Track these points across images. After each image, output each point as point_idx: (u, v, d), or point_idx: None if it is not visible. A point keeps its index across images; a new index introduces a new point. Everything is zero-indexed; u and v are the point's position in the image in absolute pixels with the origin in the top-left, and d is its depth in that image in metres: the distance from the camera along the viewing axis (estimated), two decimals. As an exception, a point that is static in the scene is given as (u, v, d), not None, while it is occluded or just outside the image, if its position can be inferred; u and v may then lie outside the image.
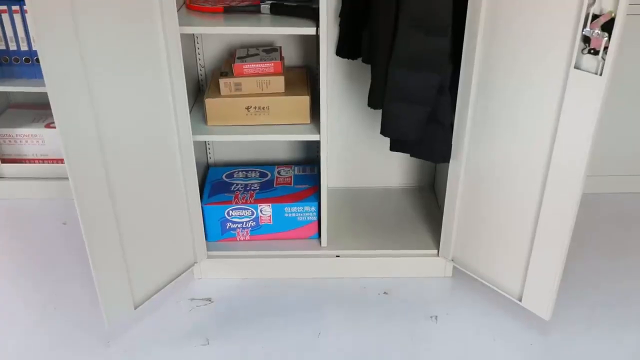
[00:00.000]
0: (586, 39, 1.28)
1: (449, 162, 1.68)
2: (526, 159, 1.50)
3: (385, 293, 1.85)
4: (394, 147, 1.70)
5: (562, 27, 1.31)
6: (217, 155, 2.14)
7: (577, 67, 1.31)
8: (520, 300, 1.67)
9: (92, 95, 1.36)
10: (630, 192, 2.34)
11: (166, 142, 1.59)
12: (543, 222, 1.52)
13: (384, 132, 1.62)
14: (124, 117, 1.46)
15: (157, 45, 1.47)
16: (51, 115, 1.52)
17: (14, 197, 2.30)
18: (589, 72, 1.30)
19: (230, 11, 1.67)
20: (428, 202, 2.13)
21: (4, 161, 2.30)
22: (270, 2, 1.67)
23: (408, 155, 1.72)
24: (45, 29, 1.23)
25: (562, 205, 1.46)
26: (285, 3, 1.68)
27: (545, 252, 1.55)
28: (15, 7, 2.03)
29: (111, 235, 1.53)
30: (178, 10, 1.55)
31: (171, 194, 1.67)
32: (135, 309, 1.66)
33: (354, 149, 2.13)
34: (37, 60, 1.99)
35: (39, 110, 2.36)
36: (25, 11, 2.00)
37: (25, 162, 2.31)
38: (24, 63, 2.11)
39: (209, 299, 1.83)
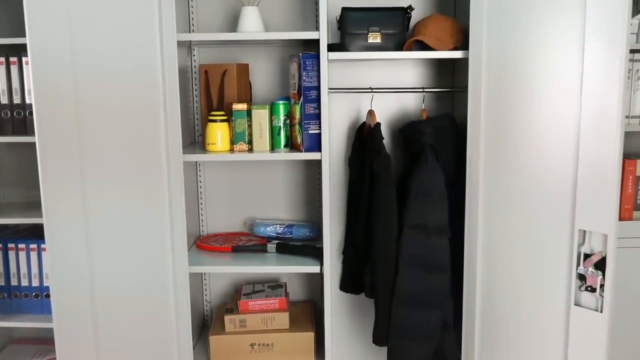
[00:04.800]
0: (582, 277, 1.32)
1: (459, 401, 1.62)
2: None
3: None
4: (401, 385, 1.65)
5: (558, 266, 1.36)
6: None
7: (577, 304, 1.34)
8: None
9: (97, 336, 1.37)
10: None
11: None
12: None
13: (390, 370, 1.58)
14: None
15: (166, 287, 1.52)
16: (53, 350, 1.51)
17: None
18: (589, 308, 1.32)
19: (239, 250, 1.75)
20: None
21: (-4, 401, 2.21)
22: (277, 242, 1.76)
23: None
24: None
25: None
26: (291, 243, 1.77)
27: None
28: (32, 246, 2.12)
29: None
30: (188, 250, 1.63)
31: None
32: None
33: (361, 385, 2.06)
34: (47, 295, 2.03)
35: (41, 345, 2.33)
36: (43, 249, 2.10)
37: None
38: (33, 298, 2.14)
39: None
